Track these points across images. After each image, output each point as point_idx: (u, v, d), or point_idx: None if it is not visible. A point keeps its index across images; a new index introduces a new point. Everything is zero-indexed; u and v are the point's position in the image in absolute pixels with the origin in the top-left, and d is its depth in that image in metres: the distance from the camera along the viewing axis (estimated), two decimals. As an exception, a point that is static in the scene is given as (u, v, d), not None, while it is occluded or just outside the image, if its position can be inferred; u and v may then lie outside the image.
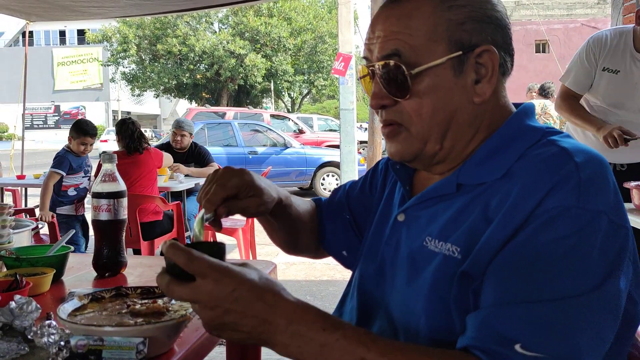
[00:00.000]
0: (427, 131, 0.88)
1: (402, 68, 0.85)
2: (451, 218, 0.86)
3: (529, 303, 0.73)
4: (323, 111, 39.00)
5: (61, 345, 0.85)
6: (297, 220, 1.12)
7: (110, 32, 29.63)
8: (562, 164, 0.78)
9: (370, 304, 0.97)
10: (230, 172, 0.95)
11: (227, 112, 14.10)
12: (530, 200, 0.77)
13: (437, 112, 0.87)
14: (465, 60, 0.86)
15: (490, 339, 0.73)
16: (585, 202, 0.75)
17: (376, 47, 0.89)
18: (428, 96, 0.87)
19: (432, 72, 0.86)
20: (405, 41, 0.86)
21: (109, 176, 1.39)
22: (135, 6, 5.13)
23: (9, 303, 1.01)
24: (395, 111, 0.89)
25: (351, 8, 9.34)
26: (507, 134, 0.88)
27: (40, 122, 39.07)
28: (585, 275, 0.73)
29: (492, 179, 0.84)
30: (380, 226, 1.02)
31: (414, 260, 0.89)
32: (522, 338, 0.72)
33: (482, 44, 0.86)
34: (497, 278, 0.77)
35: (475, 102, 0.88)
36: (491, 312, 0.75)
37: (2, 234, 1.52)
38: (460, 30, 0.86)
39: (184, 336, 1.01)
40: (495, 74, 0.87)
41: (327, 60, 28.81)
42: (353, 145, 9.25)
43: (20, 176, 5.81)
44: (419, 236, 0.89)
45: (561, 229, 0.74)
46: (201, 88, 30.53)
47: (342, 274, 4.72)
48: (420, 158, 0.92)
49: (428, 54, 0.86)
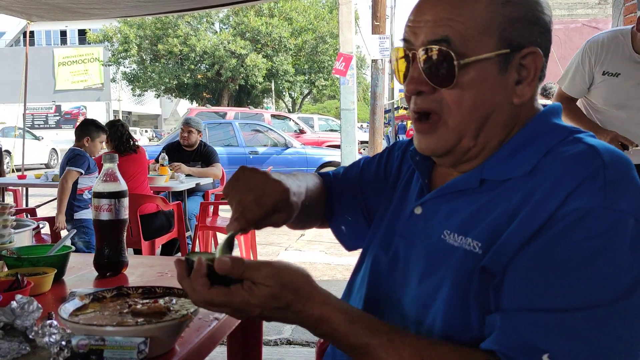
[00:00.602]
0: (465, 125, 0.86)
1: (452, 56, 0.83)
2: (473, 213, 0.85)
3: (557, 312, 0.72)
4: (324, 111, 39.00)
5: (62, 345, 0.85)
6: (308, 209, 1.07)
7: (111, 32, 29.65)
8: (590, 162, 0.78)
9: (381, 296, 0.96)
10: (271, 190, 0.87)
11: (228, 112, 14.10)
12: (555, 198, 0.76)
13: (477, 107, 0.86)
14: (511, 59, 0.85)
15: (517, 346, 0.73)
16: (611, 202, 0.74)
17: (423, 31, 0.86)
18: (471, 89, 0.85)
19: (479, 65, 0.84)
20: (457, 29, 0.83)
21: (110, 176, 1.39)
22: (136, 7, 5.13)
23: (11, 303, 1.01)
24: (433, 100, 0.87)
25: (352, 8, 9.34)
26: (534, 131, 0.87)
27: (41, 122, 39.07)
28: (614, 279, 0.72)
29: (517, 175, 0.83)
30: (395, 218, 1.01)
31: (430, 255, 0.88)
32: (550, 348, 0.71)
33: (529, 45, 0.85)
34: (522, 280, 0.76)
35: (514, 103, 0.87)
36: (518, 317, 0.74)
37: (3, 233, 1.52)
38: (511, 28, 0.84)
39: (185, 336, 1.01)
40: (536, 77, 0.87)
41: (328, 61, 28.80)
42: (354, 145, 9.25)
43: (21, 176, 5.81)
44: (437, 230, 0.88)
45: (587, 230, 0.73)
46: (202, 88, 30.54)
47: (342, 274, 4.72)
48: (453, 153, 0.90)
49: (478, 46, 0.84)
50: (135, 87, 31.67)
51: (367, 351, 0.77)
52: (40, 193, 8.28)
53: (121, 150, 4.35)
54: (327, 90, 32.15)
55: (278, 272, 0.77)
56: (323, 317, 0.78)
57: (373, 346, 0.76)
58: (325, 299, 0.79)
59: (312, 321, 0.78)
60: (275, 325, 3.53)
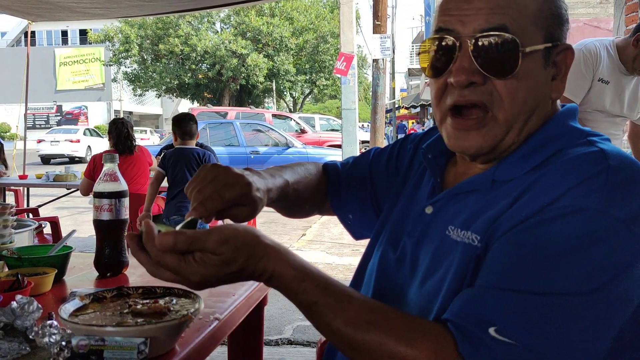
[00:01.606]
0: (514, 118, 0.84)
1: (517, 42, 0.81)
2: (477, 209, 0.85)
3: (518, 292, 0.72)
4: (325, 111, 39.03)
5: (62, 345, 0.85)
6: (297, 199, 1.08)
7: (112, 32, 29.68)
8: (595, 163, 0.77)
9: (388, 293, 0.96)
10: (232, 182, 0.88)
11: (229, 112, 14.11)
12: (552, 192, 0.75)
13: (528, 100, 0.84)
14: (552, 54, 0.86)
15: (469, 316, 0.73)
16: (607, 206, 0.73)
17: (475, 19, 0.82)
18: (526, 80, 0.83)
19: (532, 56, 0.83)
20: (514, 17, 0.82)
21: (111, 176, 1.39)
22: (137, 7, 5.13)
23: (11, 303, 1.01)
24: (484, 91, 0.83)
25: (353, 8, 9.34)
26: (550, 134, 0.86)
27: (42, 122, 39.10)
28: (584, 277, 0.71)
29: (523, 172, 0.83)
30: (404, 215, 1.00)
31: (437, 252, 0.88)
32: (499, 322, 0.71)
33: (563, 41, 0.86)
34: (495, 260, 0.76)
35: (553, 98, 0.87)
36: (479, 292, 0.75)
37: (4, 233, 1.52)
38: (553, 23, 0.85)
39: (186, 336, 1.01)
40: (567, 73, 0.87)
41: (329, 60, 28.80)
42: (355, 144, 9.25)
43: (22, 176, 5.82)
44: (444, 227, 0.88)
45: (574, 227, 0.72)
46: (203, 88, 30.56)
47: (344, 274, 4.71)
48: (495, 151, 0.87)
49: (531, 37, 0.82)
50: (136, 87, 31.70)
51: (315, 309, 0.77)
52: (41, 193, 8.29)
53: (119, 149, 4.37)
54: (328, 90, 32.16)
55: (228, 238, 0.76)
56: (275, 272, 0.78)
57: (321, 305, 0.77)
58: (280, 255, 0.78)
59: (265, 277, 0.78)
60: (276, 325, 3.53)
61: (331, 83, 30.16)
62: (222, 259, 0.75)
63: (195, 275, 0.75)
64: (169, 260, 0.75)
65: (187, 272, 0.75)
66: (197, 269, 0.75)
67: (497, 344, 0.70)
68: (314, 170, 1.15)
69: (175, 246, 0.75)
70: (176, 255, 0.75)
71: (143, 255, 0.78)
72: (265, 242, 0.79)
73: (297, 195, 1.07)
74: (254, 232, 0.79)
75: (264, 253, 0.78)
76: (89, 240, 5.90)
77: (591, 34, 3.15)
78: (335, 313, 0.76)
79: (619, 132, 3.01)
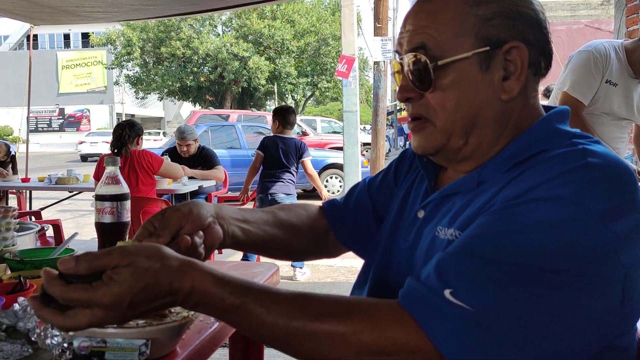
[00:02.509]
0: (451, 125, 0.88)
1: (426, 60, 0.86)
2: (461, 206, 0.86)
3: (482, 259, 0.72)
4: (326, 113, 39.03)
5: (64, 347, 0.85)
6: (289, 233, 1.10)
7: (114, 35, 29.72)
8: (573, 161, 0.77)
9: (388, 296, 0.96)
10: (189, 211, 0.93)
11: (230, 115, 14.11)
12: (528, 184, 0.77)
13: (461, 106, 0.87)
14: (493, 56, 0.86)
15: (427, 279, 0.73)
16: (582, 197, 0.73)
17: (405, 41, 0.90)
18: (452, 90, 0.87)
19: (457, 66, 0.86)
20: (432, 35, 0.87)
21: (112, 179, 1.40)
22: (138, 10, 5.15)
23: (13, 305, 1.02)
24: (421, 105, 0.90)
25: (354, 10, 9.35)
26: (535, 136, 0.86)
27: (44, 125, 39.17)
28: (553, 255, 0.70)
29: (503, 170, 0.84)
30: (398, 220, 1.02)
31: (428, 254, 0.89)
32: (456, 285, 0.70)
33: (510, 40, 0.86)
34: (466, 233, 0.77)
35: (503, 99, 0.87)
36: (443, 256, 0.75)
37: (7, 236, 1.52)
38: (487, 26, 0.86)
39: (187, 338, 1.01)
40: (524, 71, 0.87)
41: (330, 63, 28.81)
42: (356, 147, 9.25)
43: (25, 179, 5.83)
44: (434, 229, 0.90)
45: (546, 211, 0.72)
46: (205, 91, 30.58)
47: (345, 276, 4.72)
48: (444, 152, 0.92)
49: (454, 48, 0.86)
50: (138, 90, 31.73)
51: (245, 310, 0.73)
52: (43, 196, 8.30)
53: (114, 153, 4.35)
54: (329, 92, 32.15)
55: (132, 251, 0.72)
56: (195, 285, 0.73)
57: (250, 303, 0.73)
58: (191, 266, 0.74)
59: (184, 294, 0.73)
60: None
61: (332, 85, 30.16)
62: (131, 270, 0.70)
63: (106, 297, 0.69)
64: (75, 294, 0.69)
65: (97, 297, 0.69)
66: (107, 289, 0.69)
67: (450, 307, 0.70)
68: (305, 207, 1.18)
69: (78, 268, 0.70)
70: (81, 285, 0.70)
71: (47, 310, 0.70)
72: (174, 255, 0.75)
73: (290, 227, 1.09)
74: (160, 247, 0.76)
75: (176, 266, 0.73)
76: (90, 243, 5.91)
77: (592, 36, 3.14)
78: (267, 307, 0.73)
79: (625, 134, 3.01)
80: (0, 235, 1.51)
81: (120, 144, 4.38)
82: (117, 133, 4.39)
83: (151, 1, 4.69)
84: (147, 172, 4.40)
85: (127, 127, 4.42)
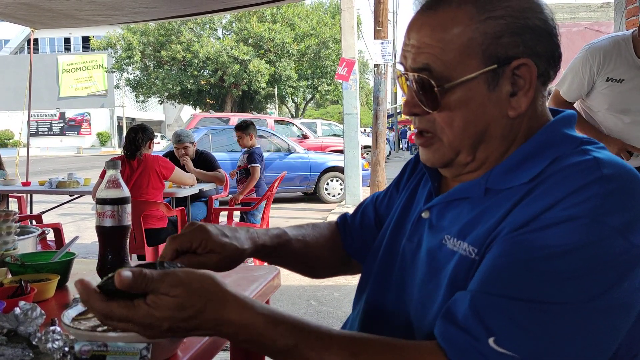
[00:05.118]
0: (459, 142, 0.87)
1: (432, 83, 0.85)
2: (473, 219, 0.85)
3: (513, 300, 0.71)
4: (327, 116, 39.09)
5: (65, 351, 0.85)
6: (305, 253, 1.10)
7: (114, 38, 29.79)
8: (589, 173, 0.76)
9: (388, 298, 0.97)
10: (189, 226, 0.94)
11: (231, 118, 14.12)
12: (543, 202, 0.75)
13: (468, 125, 0.86)
14: (501, 74, 0.84)
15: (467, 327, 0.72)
16: (601, 214, 0.72)
17: (410, 57, 0.88)
18: (459, 109, 0.85)
19: (464, 87, 0.84)
20: (437, 56, 0.84)
21: (113, 182, 1.40)
22: (139, 13, 5.16)
23: (14, 309, 1.02)
24: (428, 120, 0.89)
25: (354, 14, 9.36)
26: (542, 141, 0.85)
27: (45, 128, 39.23)
28: (581, 286, 0.70)
29: (519, 183, 0.82)
30: (402, 221, 1.02)
31: (433, 259, 0.89)
32: (498, 332, 0.70)
33: (519, 56, 0.83)
34: (488, 266, 0.76)
35: (510, 115, 0.86)
36: (475, 296, 0.74)
37: (7, 240, 1.52)
38: (495, 44, 0.83)
39: (188, 341, 1.01)
40: (532, 86, 0.85)
41: (330, 66, 28.87)
42: (357, 150, 9.25)
43: (26, 183, 5.83)
44: (440, 234, 0.89)
45: (566, 235, 0.72)
46: (205, 94, 30.64)
47: (346, 279, 4.71)
48: (451, 166, 0.91)
49: (460, 69, 0.84)
50: (138, 93, 31.80)
51: (297, 353, 0.74)
52: (44, 200, 8.31)
53: (127, 155, 4.40)
54: (329, 95, 32.21)
55: (183, 280, 0.74)
56: (244, 322, 0.74)
57: (302, 346, 0.74)
58: (243, 303, 0.75)
59: (232, 329, 0.74)
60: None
61: (333, 88, 30.21)
62: (175, 302, 0.72)
63: (147, 319, 0.72)
64: (117, 311, 0.73)
65: (137, 317, 0.73)
66: (149, 311, 0.72)
67: (497, 356, 0.70)
68: (326, 224, 1.19)
69: (134, 285, 0.72)
70: (123, 303, 0.73)
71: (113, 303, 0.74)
72: (226, 288, 0.76)
73: (307, 247, 1.10)
74: (213, 277, 0.76)
75: (225, 300, 0.74)
76: (91, 247, 5.92)
77: (592, 38, 3.10)
78: (319, 352, 0.74)
79: None
80: (1, 239, 1.50)
81: (135, 148, 4.44)
82: (130, 137, 4.44)
83: (151, 4, 4.70)
84: (158, 177, 4.45)
85: (140, 131, 4.48)
